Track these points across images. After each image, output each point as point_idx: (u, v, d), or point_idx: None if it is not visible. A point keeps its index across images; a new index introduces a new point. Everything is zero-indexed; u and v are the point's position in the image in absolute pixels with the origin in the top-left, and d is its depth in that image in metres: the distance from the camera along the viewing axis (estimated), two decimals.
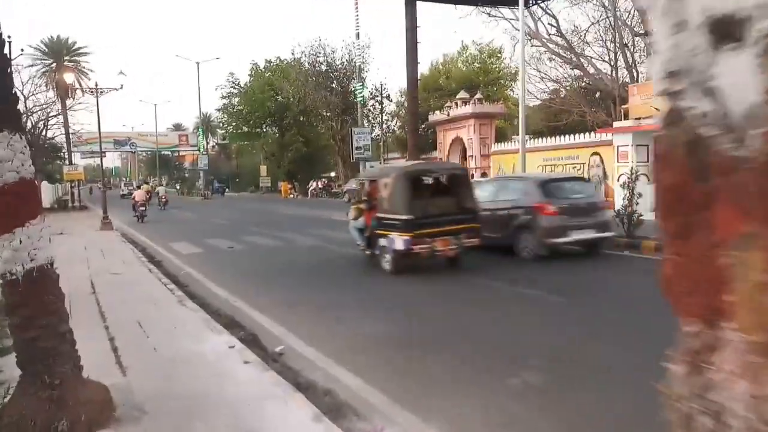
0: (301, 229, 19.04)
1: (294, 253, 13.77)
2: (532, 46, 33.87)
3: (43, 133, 39.25)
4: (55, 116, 39.56)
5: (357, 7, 22.80)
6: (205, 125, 63.90)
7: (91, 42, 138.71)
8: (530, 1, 19.30)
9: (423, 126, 47.28)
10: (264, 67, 56.64)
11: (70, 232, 19.77)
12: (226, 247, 14.82)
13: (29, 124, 33.85)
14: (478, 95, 41.58)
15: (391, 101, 50.60)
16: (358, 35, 23.14)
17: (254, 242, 15.81)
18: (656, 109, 16.15)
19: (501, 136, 43.03)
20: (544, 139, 35.51)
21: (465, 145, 42.32)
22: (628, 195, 11.78)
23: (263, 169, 59.64)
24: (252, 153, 65.96)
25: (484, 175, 39.48)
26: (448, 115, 42.72)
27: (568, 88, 34.51)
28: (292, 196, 51.58)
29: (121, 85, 28.37)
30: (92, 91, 22.56)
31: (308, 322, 7.01)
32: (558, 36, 31.21)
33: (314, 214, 26.42)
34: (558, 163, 34.26)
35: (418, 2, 19.98)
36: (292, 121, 53.71)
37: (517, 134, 46.31)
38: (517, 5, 19.78)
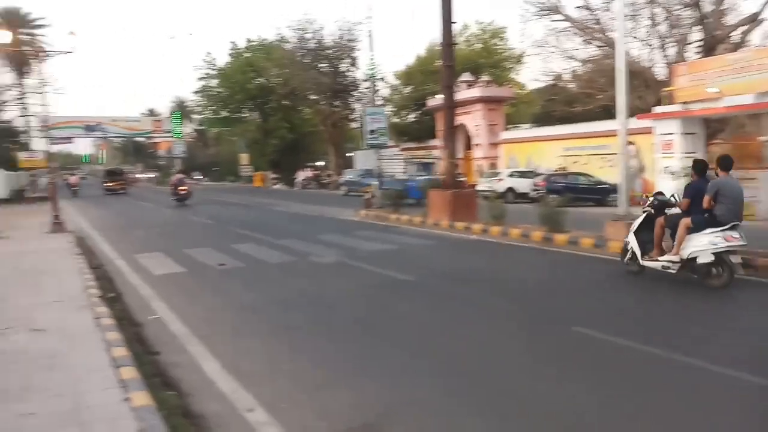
0: (305, 233, 14.95)
1: (317, 277, 9.54)
2: (551, 20, 30.04)
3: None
4: (19, 98, 34.86)
5: None
6: (181, 109, 59.25)
7: (48, 14, 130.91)
8: None
9: (420, 112, 43.30)
10: (246, 47, 52.09)
11: (10, 235, 15.49)
12: (216, 265, 10.66)
13: None
14: (486, 77, 37.57)
15: (387, 84, 46.53)
16: None
17: (252, 255, 11.64)
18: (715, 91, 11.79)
19: (508, 124, 39.19)
20: (565, 126, 31.65)
21: (470, 132, 38.28)
22: None
23: (244, 157, 55.29)
24: (232, 140, 61.57)
25: (492, 166, 35.24)
26: None
27: (594, 69, 30.57)
28: (277, 186, 47.45)
29: (72, 49, 24.06)
30: (37, 55, 18.18)
31: None
32: (585, 10, 27.29)
33: (312, 211, 22.32)
34: (582, 153, 30.47)
35: None
36: (276, 105, 49.30)
37: (526, 123, 42.60)
38: None
